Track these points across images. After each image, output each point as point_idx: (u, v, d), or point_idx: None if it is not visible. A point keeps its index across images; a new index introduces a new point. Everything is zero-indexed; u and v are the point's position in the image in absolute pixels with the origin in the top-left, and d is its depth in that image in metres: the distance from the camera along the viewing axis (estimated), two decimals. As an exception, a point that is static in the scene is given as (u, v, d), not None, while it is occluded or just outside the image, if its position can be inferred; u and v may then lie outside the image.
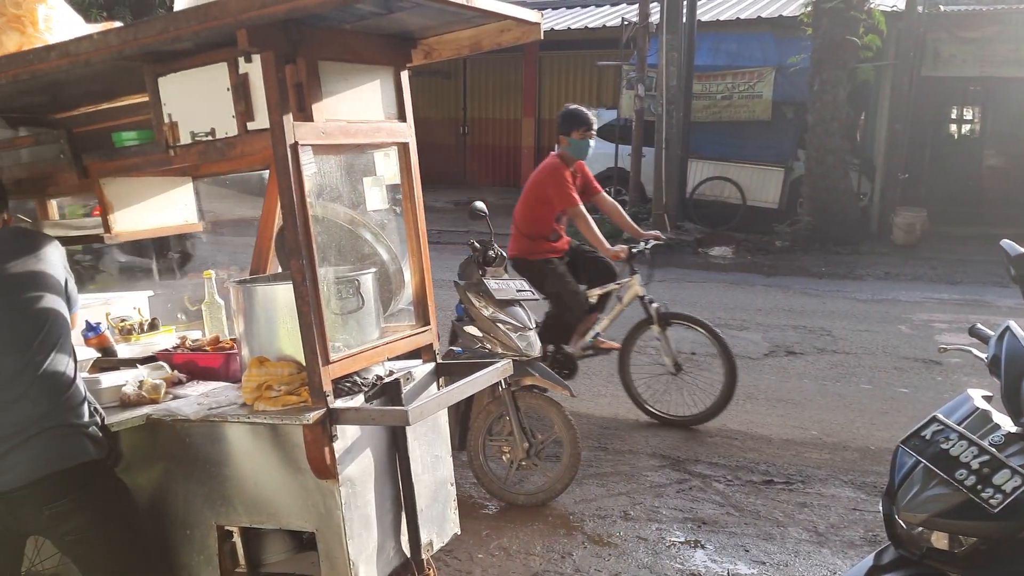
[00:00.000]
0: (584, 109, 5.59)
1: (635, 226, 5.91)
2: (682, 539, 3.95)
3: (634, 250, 5.51)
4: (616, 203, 6.02)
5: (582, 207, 5.44)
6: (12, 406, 2.15)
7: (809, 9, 12.28)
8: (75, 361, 2.34)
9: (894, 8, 12.92)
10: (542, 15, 2.50)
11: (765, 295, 9.42)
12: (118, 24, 2.47)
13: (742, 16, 14.77)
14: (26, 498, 2.15)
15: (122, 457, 2.57)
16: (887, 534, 2.15)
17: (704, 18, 14.35)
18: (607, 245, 5.49)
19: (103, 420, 2.37)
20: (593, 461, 4.83)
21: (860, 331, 7.78)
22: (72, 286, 2.46)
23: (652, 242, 5.66)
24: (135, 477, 2.57)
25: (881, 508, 2.16)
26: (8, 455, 2.13)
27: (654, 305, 5.49)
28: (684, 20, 12.61)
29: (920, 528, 1.99)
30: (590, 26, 16.17)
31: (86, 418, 2.27)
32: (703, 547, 3.88)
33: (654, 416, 5.50)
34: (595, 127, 5.52)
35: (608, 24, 15.79)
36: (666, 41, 12.36)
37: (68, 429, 2.20)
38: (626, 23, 13.99)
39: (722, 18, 14.89)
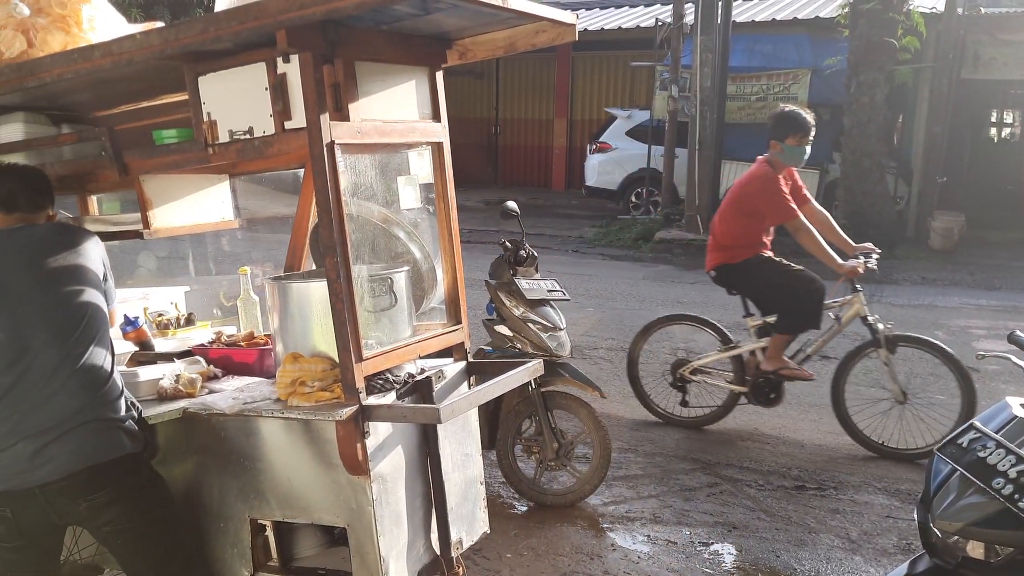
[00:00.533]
0: (803, 112, 5.03)
1: (847, 239, 5.22)
2: (713, 543, 3.93)
3: (869, 265, 4.92)
4: (827, 214, 5.35)
5: (803, 218, 4.93)
6: (50, 400, 2.19)
7: (846, 10, 12.13)
8: (112, 356, 2.39)
9: (933, 10, 12.73)
10: (577, 16, 2.50)
11: (798, 299, 9.32)
12: (159, 24, 2.51)
13: (778, 17, 14.65)
14: (64, 490, 2.18)
15: (159, 449, 2.61)
16: (922, 543, 2.13)
17: (739, 19, 14.25)
18: (839, 260, 4.90)
19: (140, 414, 2.41)
20: (623, 463, 4.81)
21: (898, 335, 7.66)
22: (111, 282, 2.50)
23: (874, 256, 5.00)
24: (171, 469, 2.61)
25: (916, 516, 2.14)
26: (46, 448, 2.16)
27: (880, 326, 4.97)
28: (719, 21, 12.51)
29: (956, 537, 1.97)
30: (624, 26, 16.13)
31: (122, 412, 2.31)
32: (733, 552, 3.85)
33: (874, 448, 4.95)
34: (812, 133, 4.96)
35: (642, 25, 15.74)
36: (700, 42, 12.29)
37: (105, 423, 2.24)
38: (660, 24, 13.93)
39: (758, 19, 14.77)
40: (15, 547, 2.24)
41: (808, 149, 5.00)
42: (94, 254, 2.44)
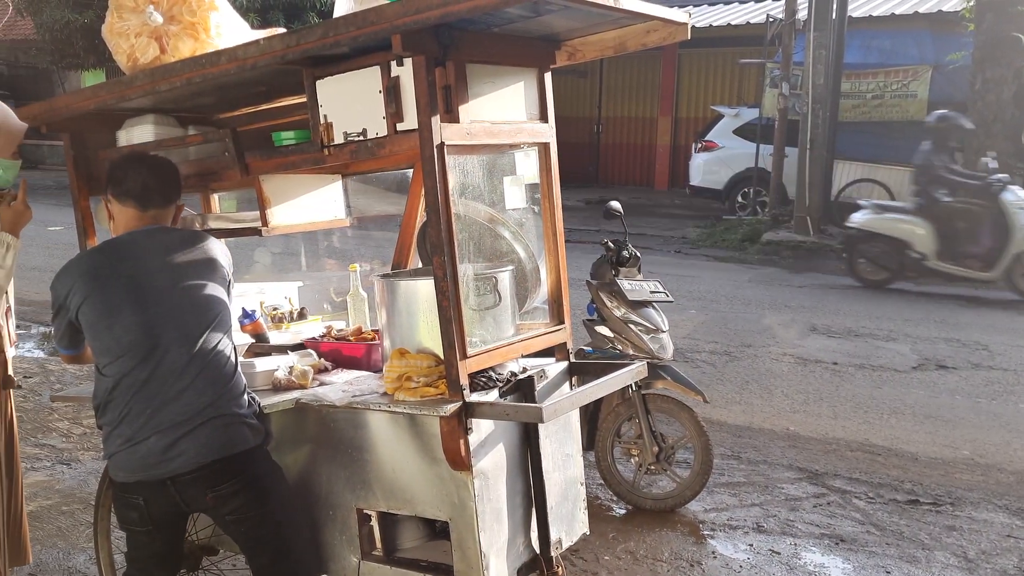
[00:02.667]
0: None
1: None
2: (819, 556, 3.81)
3: None
4: None
5: None
6: (180, 396, 2.32)
7: (971, 4, 11.52)
8: (236, 354, 2.50)
9: (1068, 1, 11.95)
10: (690, 15, 2.47)
11: (915, 305, 8.93)
12: (279, 30, 2.61)
13: (897, 12, 14.03)
14: (193, 482, 2.32)
15: (272, 437, 2.73)
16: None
17: (855, 14, 13.72)
18: None
19: (260, 408, 2.51)
20: (725, 469, 4.72)
21: (1021, 347, 7.26)
22: (232, 281, 2.61)
23: None
24: (284, 457, 2.72)
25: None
26: (177, 443, 2.30)
27: None
28: (834, 16, 12.09)
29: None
30: (733, 23, 15.78)
31: (246, 408, 2.43)
32: (840, 566, 3.73)
33: None
34: None
35: (752, 21, 15.36)
36: (814, 38, 11.90)
37: (231, 419, 2.36)
38: (771, 20, 13.58)
39: (875, 14, 14.19)
40: (146, 531, 2.41)
41: None
42: (223, 258, 2.56)
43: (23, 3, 18.41)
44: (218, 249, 2.57)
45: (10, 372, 3.10)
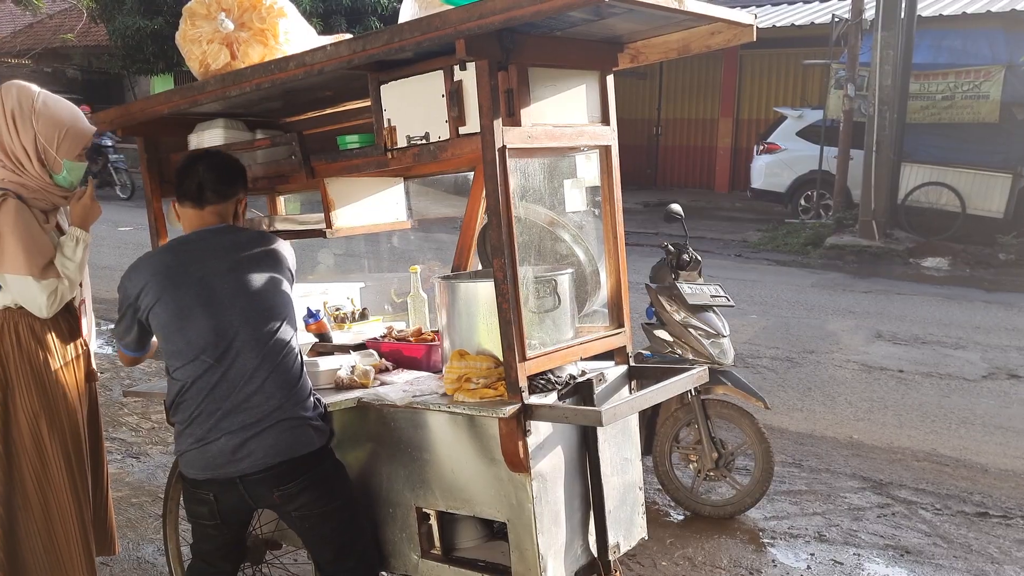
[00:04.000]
0: None
1: None
2: (882, 567, 3.72)
3: None
4: None
5: None
6: (249, 399, 2.38)
7: (1049, 0, 11.13)
8: (301, 356, 2.55)
9: None
10: (755, 16, 2.44)
11: (985, 312, 8.66)
12: (346, 36, 2.66)
13: (969, 11, 13.59)
14: (261, 481, 2.39)
15: (334, 435, 2.78)
16: None
17: (925, 13, 13.35)
18: None
19: (326, 409, 2.55)
20: (786, 477, 4.65)
21: (1099, 357, 6.99)
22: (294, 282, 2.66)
23: None
24: (345, 454, 2.77)
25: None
26: (246, 444, 2.37)
27: None
28: (902, 16, 11.79)
29: None
30: (797, 23, 15.49)
31: (312, 410, 2.48)
32: (905, 578, 3.64)
33: None
34: None
35: (817, 21, 15.06)
36: (881, 38, 11.62)
37: (297, 421, 2.42)
38: (837, 20, 13.29)
39: (945, 13, 13.77)
40: (214, 525, 2.49)
41: None
42: (289, 259, 2.61)
43: (97, 10, 19.08)
44: (284, 250, 2.62)
45: (93, 365, 3.21)
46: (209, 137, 3.10)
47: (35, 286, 2.84)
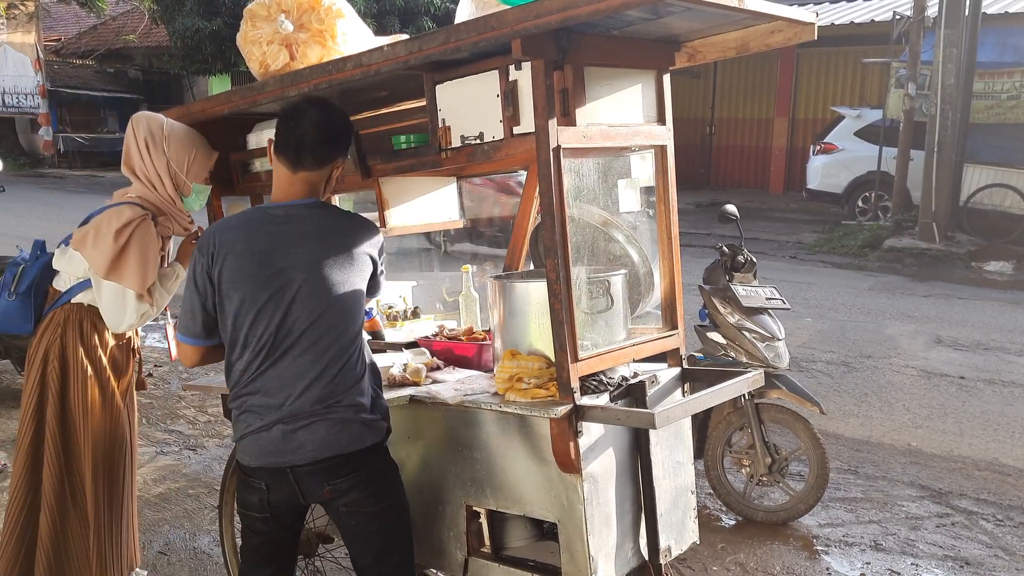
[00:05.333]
0: None
1: None
2: (940, 579, 3.63)
3: None
4: None
5: None
6: (305, 392, 2.32)
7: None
8: (363, 352, 2.45)
9: None
10: (816, 14, 2.39)
11: (1051, 318, 8.39)
12: (402, 36, 2.68)
13: (1037, 7, 13.20)
14: (310, 473, 2.35)
15: (390, 432, 2.80)
16: None
17: (990, 10, 12.98)
18: None
19: (385, 409, 2.50)
20: (841, 484, 4.55)
21: None
22: (381, 278, 2.54)
23: None
24: (397, 451, 2.78)
25: None
26: (296, 434, 2.32)
27: None
28: (966, 13, 11.47)
29: None
30: (856, 21, 15.19)
31: (368, 408, 2.40)
32: (965, 591, 3.54)
33: None
34: None
35: (877, 19, 14.75)
36: (944, 36, 11.32)
37: (350, 418, 2.35)
38: (898, 17, 12.99)
39: (1012, 10, 13.37)
40: (263, 518, 2.43)
41: None
42: (371, 248, 2.45)
43: (158, 12, 19.58)
44: (368, 239, 2.44)
45: (143, 374, 3.32)
46: (268, 136, 3.15)
47: (132, 304, 2.95)
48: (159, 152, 3.00)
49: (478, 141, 2.49)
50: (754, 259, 4.26)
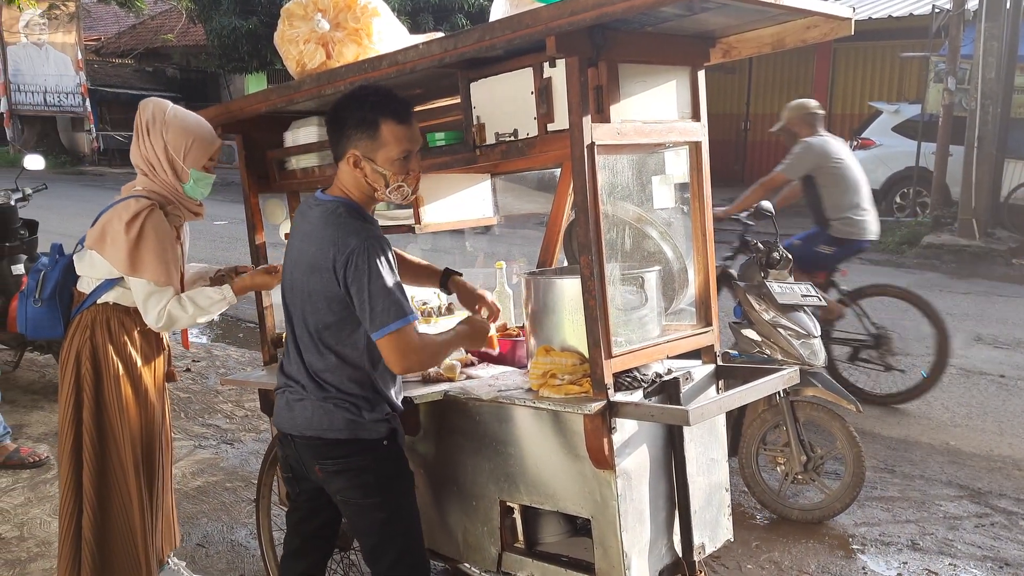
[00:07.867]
0: None
1: None
2: (979, 580, 3.58)
3: None
4: None
5: None
6: (301, 368, 2.48)
7: None
8: (370, 351, 2.43)
9: None
10: (853, 9, 2.37)
11: (1095, 316, 8.20)
12: (437, 34, 2.70)
13: (1082, -3, 12.88)
14: (304, 447, 2.50)
15: (420, 427, 2.83)
16: None
17: (1033, 1, 12.71)
18: None
19: (389, 413, 2.51)
20: (877, 483, 4.50)
21: None
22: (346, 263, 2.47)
23: None
24: (431, 446, 2.81)
25: None
26: (291, 406, 2.50)
27: None
28: (1008, 6, 11.25)
29: None
30: (894, 15, 14.95)
31: (347, 403, 2.43)
32: (1005, 592, 3.49)
33: None
34: None
35: (915, 12, 14.51)
36: (985, 29, 11.11)
37: (334, 404, 2.43)
38: (937, 10, 12.77)
39: (1056, 1, 13.09)
40: (288, 479, 2.64)
41: None
42: (326, 262, 2.33)
43: (195, 11, 19.83)
44: (327, 254, 2.33)
45: (173, 366, 3.37)
46: (304, 134, 3.19)
47: (163, 299, 2.97)
48: (157, 136, 3.02)
49: (512, 138, 2.51)
50: (789, 256, 4.22)
